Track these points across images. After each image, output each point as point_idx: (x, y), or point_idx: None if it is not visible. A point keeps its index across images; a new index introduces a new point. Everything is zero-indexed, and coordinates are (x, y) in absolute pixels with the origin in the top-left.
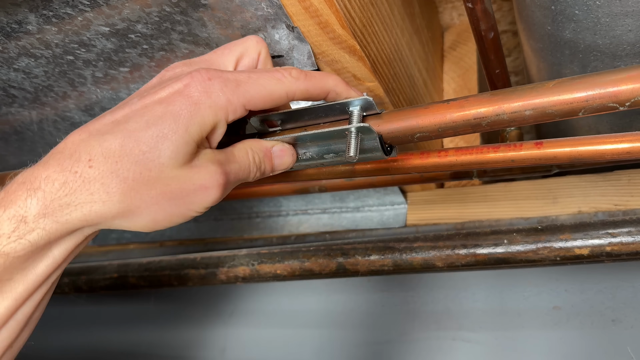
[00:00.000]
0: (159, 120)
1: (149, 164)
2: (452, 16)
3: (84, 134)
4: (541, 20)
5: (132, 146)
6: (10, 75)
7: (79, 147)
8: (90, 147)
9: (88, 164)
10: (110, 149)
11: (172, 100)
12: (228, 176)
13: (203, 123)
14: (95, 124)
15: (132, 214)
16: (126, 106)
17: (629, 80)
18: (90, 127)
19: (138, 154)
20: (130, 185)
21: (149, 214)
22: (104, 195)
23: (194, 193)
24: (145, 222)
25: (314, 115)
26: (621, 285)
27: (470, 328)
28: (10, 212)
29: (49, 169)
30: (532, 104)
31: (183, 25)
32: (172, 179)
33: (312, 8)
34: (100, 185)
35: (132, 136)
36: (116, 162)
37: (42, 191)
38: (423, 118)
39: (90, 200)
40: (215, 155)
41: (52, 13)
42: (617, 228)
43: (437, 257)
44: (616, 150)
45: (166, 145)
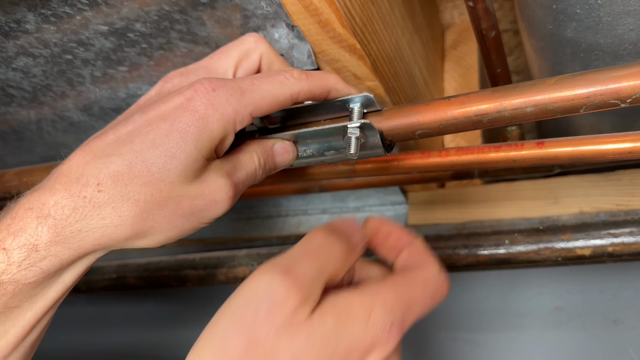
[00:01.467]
0: (166, 138)
1: (159, 184)
2: (453, 15)
3: (89, 156)
4: (542, 19)
5: (140, 167)
6: (8, 75)
7: (85, 170)
8: (97, 171)
9: (97, 188)
10: (118, 171)
11: (177, 116)
12: (237, 187)
13: (212, 138)
14: (98, 143)
15: (145, 235)
16: (129, 123)
17: (630, 77)
18: (94, 148)
19: (147, 175)
20: (142, 207)
21: (162, 233)
22: (116, 219)
23: (205, 208)
24: (157, 240)
25: (315, 113)
26: (623, 286)
27: (472, 329)
28: (20, 240)
29: (56, 195)
30: (533, 101)
31: (182, 24)
32: (183, 197)
33: (312, 7)
34: (112, 210)
35: (139, 157)
36: (125, 185)
37: (53, 218)
38: (424, 115)
39: (103, 225)
40: (224, 166)
41: (50, 12)
42: (618, 228)
43: (437, 258)
44: (618, 150)
45: (175, 164)
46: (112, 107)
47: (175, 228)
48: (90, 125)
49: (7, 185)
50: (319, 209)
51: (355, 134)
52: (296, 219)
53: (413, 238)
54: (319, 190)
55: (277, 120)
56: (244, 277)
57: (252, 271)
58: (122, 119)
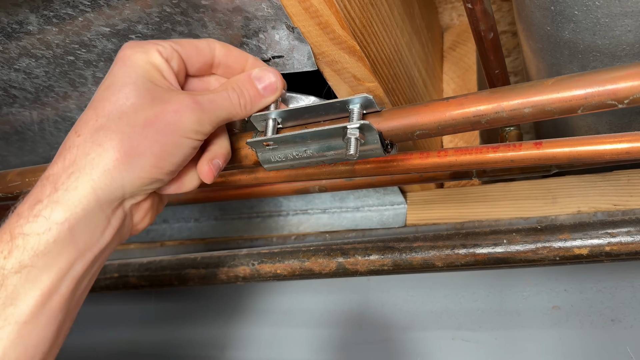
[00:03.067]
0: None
1: (122, 107)
2: (451, 17)
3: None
4: (540, 20)
5: (102, 104)
6: (11, 76)
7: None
8: (73, 128)
9: (76, 135)
10: (87, 115)
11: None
12: (200, 102)
13: (145, 65)
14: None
15: (132, 157)
16: None
17: (628, 78)
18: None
19: (109, 105)
20: (115, 130)
21: (145, 150)
22: (98, 148)
23: (172, 119)
24: (150, 164)
25: (314, 114)
26: (620, 285)
27: (470, 328)
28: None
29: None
30: (531, 102)
31: (183, 25)
32: (149, 114)
33: (312, 9)
34: (92, 143)
35: (100, 99)
36: (96, 120)
37: (52, 175)
38: (423, 116)
39: (90, 160)
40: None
41: (52, 13)
42: (616, 228)
43: (436, 257)
44: (615, 150)
45: (129, 89)
46: None
47: (157, 143)
48: None
49: (9, 185)
50: (319, 209)
51: (354, 135)
52: (296, 218)
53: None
54: (319, 190)
55: (278, 121)
56: (245, 276)
57: (252, 270)
58: None
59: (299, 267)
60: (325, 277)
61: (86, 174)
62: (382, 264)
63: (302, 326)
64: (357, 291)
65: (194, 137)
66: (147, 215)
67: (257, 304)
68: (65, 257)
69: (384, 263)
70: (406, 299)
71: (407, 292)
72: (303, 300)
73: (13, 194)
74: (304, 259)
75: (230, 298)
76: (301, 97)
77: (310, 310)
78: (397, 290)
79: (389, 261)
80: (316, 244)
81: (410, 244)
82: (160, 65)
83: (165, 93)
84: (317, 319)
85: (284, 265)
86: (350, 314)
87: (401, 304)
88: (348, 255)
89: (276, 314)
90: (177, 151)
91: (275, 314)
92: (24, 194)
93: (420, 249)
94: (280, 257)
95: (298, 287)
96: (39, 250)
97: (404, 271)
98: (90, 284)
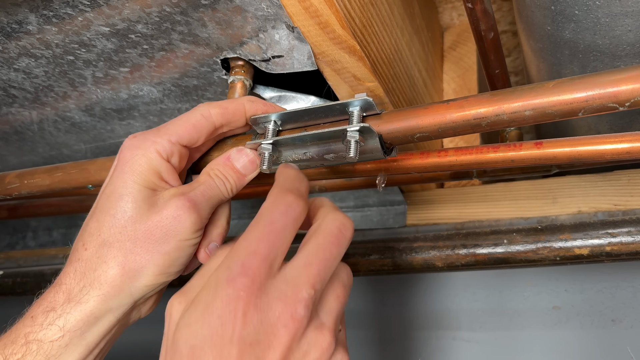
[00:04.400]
0: (113, 187)
1: (123, 222)
2: (452, 16)
3: (80, 233)
4: (541, 20)
5: (103, 216)
6: (10, 76)
7: (76, 241)
8: (81, 236)
9: (83, 248)
10: (92, 228)
11: (115, 169)
12: (194, 199)
13: (143, 170)
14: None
15: (135, 271)
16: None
17: (629, 81)
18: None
19: (112, 220)
20: (118, 247)
21: (150, 262)
22: (103, 265)
23: (170, 225)
24: (154, 273)
25: (314, 116)
26: (621, 285)
27: (470, 328)
28: (43, 307)
29: (66, 268)
30: (532, 105)
31: (183, 25)
32: (148, 225)
33: (312, 8)
34: (98, 259)
35: (102, 210)
36: (99, 234)
37: (65, 284)
38: (423, 118)
39: (97, 275)
40: (177, 190)
41: (52, 13)
42: (616, 228)
43: (437, 257)
44: (616, 150)
45: (126, 201)
46: (113, 108)
47: (158, 254)
48: (92, 125)
49: (8, 187)
50: None
51: (354, 138)
52: None
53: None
54: (319, 190)
55: (278, 123)
56: None
57: None
58: None
59: None
60: None
61: (95, 288)
62: (382, 264)
63: None
64: (357, 291)
65: (194, 237)
66: (154, 304)
67: None
68: (75, 356)
69: (384, 263)
70: (406, 299)
71: (407, 292)
72: None
73: (12, 195)
74: None
75: None
76: (301, 97)
77: None
78: (398, 290)
79: (389, 261)
80: None
81: (410, 244)
82: (159, 166)
83: (162, 198)
84: None
85: None
86: (350, 314)
87: (401, 304)
88: (348, 255)
89: None
90: (180, 254)
91: None
92: (38, 294)
93: (420, 249)
94: None
95: None
96: (51, 354)
97: (404, 271)
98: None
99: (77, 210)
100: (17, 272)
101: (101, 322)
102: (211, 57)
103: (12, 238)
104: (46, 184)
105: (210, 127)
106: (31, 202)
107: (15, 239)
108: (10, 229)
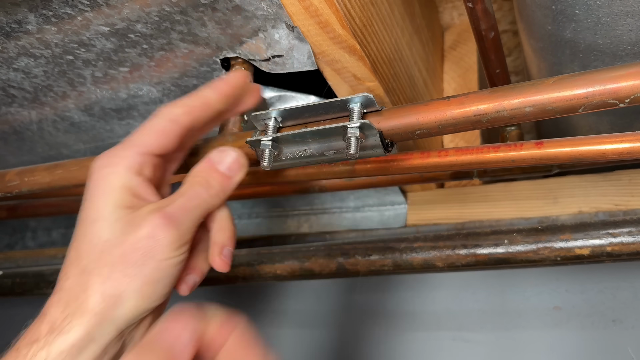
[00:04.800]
0: (86, 212)
1: (98, 246)
2: (452, 16)
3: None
4: (541, 19)
5: (80, 244)
6: (9, 75)
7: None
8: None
9: (65, 277)
10: (71, 256)
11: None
12: (171, 215)
13: (115, 187)
14: None
15: (117, 298)
16: None
17: (629, 77)
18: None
19: (87, 246)
20: (95, 274)
21: (130, 287)
22: (83, 295)
23: (147, 245)
24: (136, 298)
25: (315, 113)
26: (622, 286)
27: (471, 328)
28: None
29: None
30: (532, 101)
31: (183, 24)
32: (124, 248)
33: (312, 8)
34: (78, 286)
35: (78, 237)
36: (79, 261)
37: (49, 315)
38: (423, 115)
39: (79, 304)
40: (155, 205)
41: (51, 13)
42: (617, 228)
43: (437, 257)
44: (617, 150)
45: (100, 223)
46: (113, 108)
47: (138, 277)
48: (91, 125)
49: (8, 185)
50: (319, 209)
51: (355, 134)
52: (296, 219)
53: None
54: (319, 190)
55: (278, 120)
56: (244, 277)
57: (252, 270)
58: None
59: (299, 267)
60: (325, 277)
61: (78, 317)
62: (382, 264)
63: (302, 326)
64: (357, 291)
65: (175, 255)
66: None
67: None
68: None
69: (384, 263)
70: (406, 299)
71: (407, 293)
72: (303, 301)
73: (12, 193)
74: (304, 259)
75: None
76: (301, 97)
77: (309, 311)
78: (397, 291)
79: (389, 261)
80: (316, 244)
81: (410, 244)
82: (131, 183)
83: (137, 215)
84: (317, 319)
85: (284, 265)
86: (350, 314)
87: (401, 304)
88: (348, 256)
89: (276, 315)
90: (160, 276)
91: (275, 315)
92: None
93: (420, 250)
94: (280, 258)
95: (298, 287)
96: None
97: (404, 272)
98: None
99: (77, 210)
100: (17, 273)
101: (86, 353)
102: (211, 56)
103: (12, 238)
104: (46, 181)
105: (179, 129)
106: (30, 202)
107: (15, 239)
108: (9, 229)
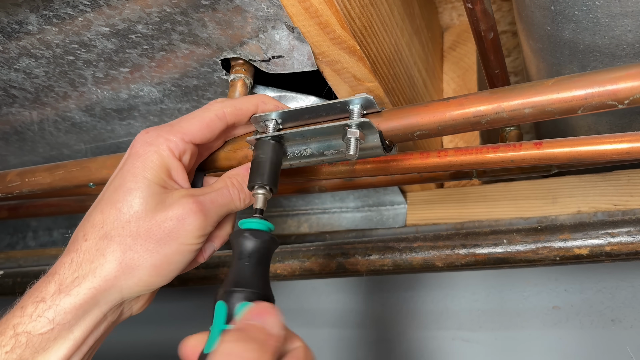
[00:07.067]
0: (123, 179)
1: (128, 217)
2: (451, 16)
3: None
4: (541, 20)
5: (109, 209)
6: (11, 76)
7: (77, 231)
8: (82, 226)
9: (83, 238)
10: (96, 219)
11: (126, 161)
12: (203, 203)
13: (155, 167)
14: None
15: (132, 269)
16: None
17: (628, 78)
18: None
19: (117, 213)
20: (119, 241)
21: (147, 262)
22: (101, 258)
23: (175, 228)
24: (149, 274)
25: (315, 114)
26: (620, 285)
27: (470, 328)
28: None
29: (63, 257)
30: (532, 102)
31: (183, 25)
32: (152, 224)
33: (312, 9)
34: (96, 251)
35: (108, 202)
36: (102, 226)
37: (58, 274)
38: (423, 116)
39: (93, 268)
40: (188, 191)
41: (52, 13)
42: (616, 228)
43: (436, 257)
44: (615, 150)
45: (135, 197)
46: (113, 108)
47: (157, 254)
48: (92, 125)
49: (9, 185)
50: (319, 209)
51: (355, 135)
52: (296, 219)
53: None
54: (319, 190)
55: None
56: None
57: None
58: None
59: (299, 267)
60: (325, 277)
61: (88, 280)
62: (382, 264)
63: (301, 326)
64: (357, 291)
65: (196, 242)
66: (146, 302)
67: None
68: (63, 351)
69: (384, 263)
70: (406, 299)
71: (407, 292)
72: (303, 300)
73: (13, 193)
74: (304, 259)
75: None
76: (301, 98)
77: (309, 310)
78: (397, 290)
79: (389, 261)
80: (316, 244)
81: (410, 244)
82: (171, 164)
83: (170, 197)
84: (317, 319)
85: (284, 265)
86: (350, 314)
87: (401, 304)
88: (348, 256)
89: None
90: (178, 259)
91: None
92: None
93: (420, 249)
94: (280, 257)
95: (298, 287)
96: (40, 347)
97: (404, 271)
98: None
99: (78, 210)
100: (18, 272)
101: (89, 317)
102: (211, 57)
103: (13, 238)
104: (47, 182)
105: (223, 126)
106: (31, 202)
107: (16, 238)
108: (10, 229)
